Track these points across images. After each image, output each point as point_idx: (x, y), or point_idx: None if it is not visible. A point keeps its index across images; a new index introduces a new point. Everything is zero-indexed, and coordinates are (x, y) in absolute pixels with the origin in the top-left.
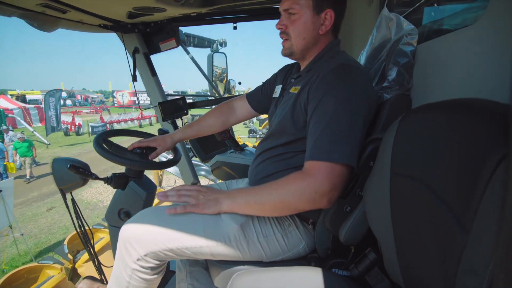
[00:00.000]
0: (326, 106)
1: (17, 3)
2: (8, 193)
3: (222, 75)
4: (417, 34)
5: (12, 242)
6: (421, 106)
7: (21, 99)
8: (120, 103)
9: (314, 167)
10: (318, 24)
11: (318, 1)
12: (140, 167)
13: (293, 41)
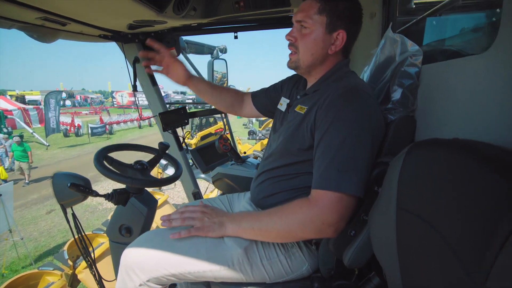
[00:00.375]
0: (335, 134)
1: (16, 17)
2: (8, 197)
3: (223, 80)
4: (422, 55)
5: (12, 245)
6: (429, 141)
7: (20, 99)
8: (119, 104)
9: (322, 197)
10: (329, 43)
11: (332, 20)
12: (141, 185)
13: (301, 56)
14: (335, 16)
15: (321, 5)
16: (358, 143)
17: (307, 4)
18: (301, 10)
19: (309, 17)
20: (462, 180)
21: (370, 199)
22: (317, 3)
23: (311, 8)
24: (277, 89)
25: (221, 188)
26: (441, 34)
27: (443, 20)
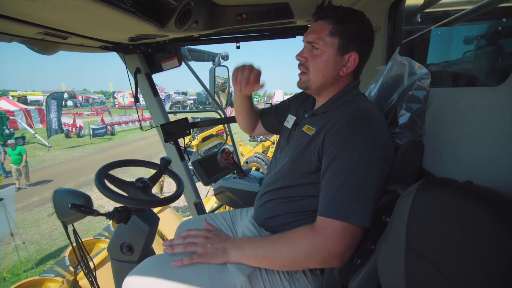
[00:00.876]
0: (344, 161)
1: (16, 32)
2: (9, 201)
3: (224, 85)
4: (430, 77)
5: (14, 249)
6: (440, 181)
7: (22, 100)
8: (121, 104)
9: (328, 226)
10: (340, 65)
11: (344, 42)
12: (143, 206)
13: (311, 76)
14: (347, 38)
15: (334, 27)
16: (367, 172)
17: (319, 25)
18: (313, 31)
19: (321, 38)
20: (473, 231)
21: (377, 228)
22: (329, 24)
23: (323, 30)
24: (284, 109)
25: (223, 201)
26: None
27: (449, 32)
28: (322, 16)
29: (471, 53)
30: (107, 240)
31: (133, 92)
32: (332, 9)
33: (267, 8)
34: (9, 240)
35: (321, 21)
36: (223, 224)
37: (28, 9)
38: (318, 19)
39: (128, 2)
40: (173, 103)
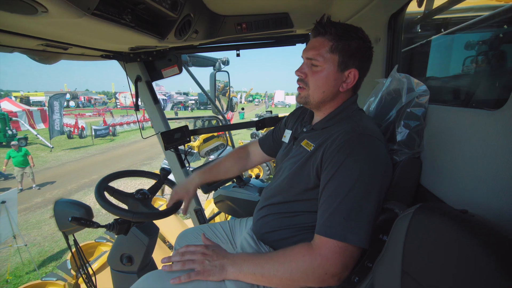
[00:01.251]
0: (342, 180)
1: (18, 45)
2: (12, 204)
3: (225, 89)
4: (429, 94)
5: (16, 251)
6: (437, 208)
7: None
8: (122, 104)
9: (326, 245)
10: (340, 81)
11: (344, 59)
12: (142, 220)
13: (311, 92)
14: (347, 55)
15: (334, 44)
16: (366, 192)
17: (319, 41)
18: (312, 47)
19: (321, 55)
20: (468, 267)
21: (375, 246)
22: (329, 41)
23: (323, 46)
24: (281, 130)
25: (223, 209)
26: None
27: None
28: (321, 33)
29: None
30: (108, 243)
31: (134, 100)
32: (332, 25)
33: (267, 18)
34: (12, 242)
35: (321, 38)
36: (222, 235)
37: (29, 24)
38: (317, 35)
39: (128, 18)
40: (174, 103)
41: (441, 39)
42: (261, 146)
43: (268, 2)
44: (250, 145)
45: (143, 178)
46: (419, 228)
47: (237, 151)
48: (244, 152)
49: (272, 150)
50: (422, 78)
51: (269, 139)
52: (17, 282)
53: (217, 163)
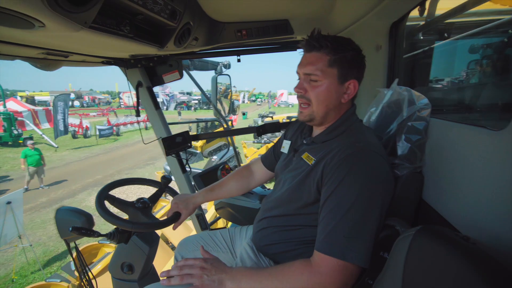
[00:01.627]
0: (343, 196)
1: (19, 53)
2: (17, 204)
3: (227, 91)
4: (430, 107)
5: (21, 251)
6: (439, 232)
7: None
8: (126, 104)
9: (325, 263)
10: (341, 93)
11: (343, 71)
12: (142, 230)
13: (315, 108)
14: (345, 67)
15: (331, 57)
16: (366, 209)
17: (315, 56)
18: (309, 62)
19: (319, 69)
20: None
21: (376, 263)
22: (326, 55)
23: (321, 61)
24: (281, 143)
25: (224, 216)
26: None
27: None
28: (316, 47)
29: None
30: (111, 244)
31: (135, 105)
32: (326, 39)
33: (267, 24)
34: (17, 242)
35: (316, 53)
36: (222, 243)
37: (29, 36)
38: (312, 50)
39: (126, 29)
40: (177, 103)
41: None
42: (263, 163)
43: (268, 9)
44: (253, 163)
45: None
46: (419, 251)
47: (241, 170)
48: (247, 171)
49: (274, 166)
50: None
51: (270, 155)
52: (23, 282)
53: (221, 183)
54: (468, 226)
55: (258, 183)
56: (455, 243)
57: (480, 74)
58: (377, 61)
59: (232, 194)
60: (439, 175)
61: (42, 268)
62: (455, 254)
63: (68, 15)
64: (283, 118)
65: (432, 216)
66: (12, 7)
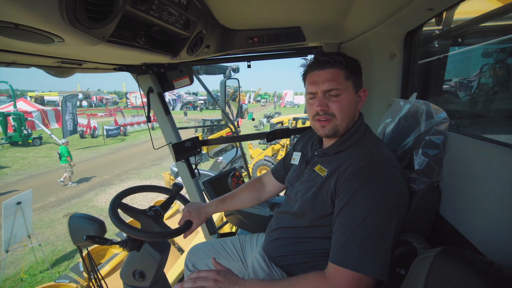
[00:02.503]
0: (356, 208)
1: (35, 62)
2: (27, 205)
3: (235, 94)
4: (448, 121)
5: (30, 250)
6: (461, 255)
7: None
8: (133, 104)
9: (339, 275)
10: (357, 101)
11: (356, 81)
12: (155, 239)
13: (339, 121)
14: (356, 77)
15: (345, 71)
16: (381, 221)
17: (332, 73)
18: (328, 79)
19: (340, 83)
20: None
21: (392, 280)
22: (340, 70)
23: (339, 76)
24: (291, 155)
25: (233, 222)
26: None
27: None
28: (330, 64)
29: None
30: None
31: (146, 111)
32: (339, 55)
33: (278, 32)
34: (26, 242)
35: (331, 69)
36: (233, 252)
37: (46, 48)
38: (325, 67)
39: (141, 41)
40: (184, 103)
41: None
42: (274, 175)
43: (280, 17)
44: (264, 176)
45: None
46: (440, 274)
47: (252, 182)
48: (259, 183)
49: (285, 178)
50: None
51: (280, 168)
52: (32, 281)
53: (233, 194)
54: (488, 246)
55: (270, 195)
56: (479, 268)
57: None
58: (390, 70)
59: (244, 206)
60: (458, 191)
61: (51, 267)
62: (479, 280)
63: (88, 31)
64: (289, 119)
65: (450, 232)
66: (34, 25)
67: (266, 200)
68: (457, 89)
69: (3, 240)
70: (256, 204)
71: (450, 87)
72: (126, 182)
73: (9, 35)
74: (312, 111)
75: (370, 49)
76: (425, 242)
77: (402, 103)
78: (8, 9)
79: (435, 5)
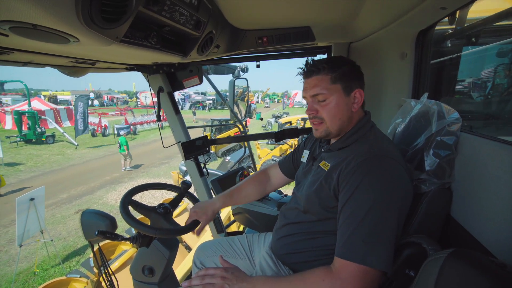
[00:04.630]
0: (360, 201)
1: (50, 62)
2: (40, 201)
3: (244, 94)
4: (461, 122)
5: (43, 245)
6: (473, 258)
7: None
8: (143, 104)
9: (346, 269)
10: (350, 103)
11: (346, 84)
12: (165, 236)
13: (329, 124)
14: (347, 79)
15: (332, 76)
16: (384, 214)
17: (317, 79)
18: (314, 85)
19: (325, 88)
20: None
21: (401, 281)
22: (326, 75)
23: (323, 81)
24: (300, 151)
25: (241, 221)
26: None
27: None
28: (315, 72)
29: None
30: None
31: (156, 110)
32: (323, 62)
33: (288, 31)
34: (39, 237)
35: (316, 75)
36: (241, 250)
37: (61, 48)
38: (312, 75)
39: (153, 41)
40: (192, 103)
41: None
42: (281, 168)
43: (290, 16)
44: (270, 168)
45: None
46: (452, 276)
47: (258, 175)
48: (264, 176)
49: (292, 172)
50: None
51: (289, 161)
52: (44, 275)
53: (238, 188)
54: (500, 248)
55: (275, 188)
56: (491, 271)
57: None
58: (401, 70)
59: (250, 199)
60: (470, 193)
61: (62, 262)
62: (491, 282)
63: (102, 31)
64: (297, 119)
65: (461, 234)
66: (51, 26)
67: (274, 200)
68: (470, 89)
69: (17, 235)
70: (262, 197)
71: (463, 88)
72: (135, 180)
73: (28, 36)
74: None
75: (381, 48)
76: (435, 243)
77: (413, 103)
78: (27, 10)
79: (448, 4)
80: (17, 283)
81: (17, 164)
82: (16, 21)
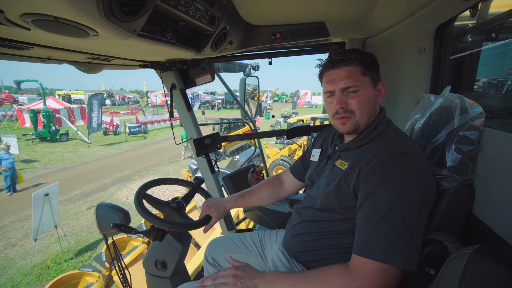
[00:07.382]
0: (381, 198)
1: (67, 58)
2: (54, 197)
3: (254, 92)
4: (484, 116)
5: (56, 240)
6: (498, 253)
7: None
8: (153, 103)
9: (364, 266)
10: (376, 95)
11: (373, 76)
12: (178, 230)
13: (358, 118)
14: (373, 71)
15: (361, 67)
16: (408, 211)
17: (348, 70)
18: (345, 77)
19: (357, 80)
20: None
21: (421, 279)
22: (356, 66)
23: (355, 72)
24: (309, 152)
25: (252, 218)
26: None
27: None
28: (345, 62)
29: None
30: (139, 238)
31: (169, 107)
32: (354, 52)
33: (302, 27)
34: (53, 232)
35: (347, 67)
36: (252, 246)
37: (79, 43)
38: (341, 66)
39: (169, 35)
40: (202, 102)
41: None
42: (292, 173)
43: (303, 12)
44: (283, 174)
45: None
46: (478, 273)
47: (272, 179)
48: (278, 181)
49: (302, 176)
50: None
51: (299, 166)
52: (57, 269)
53: (252, 190)
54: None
55: (289, 193)
56: None
57: None
58: (419, 65)
59: (262, 203)
60: (493, 190)
61: (75, 256)
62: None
63: (120, 24)
64: (307, 118)
65: (485, 232)
66: (72, 18)
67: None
68: (491, 85)
69: (32, 229)
70: (275, 201)
71: (484, 83)
72: (145, 178)
73: (49, 29)
74: (332, 110)
75: (397, 43)
76: (457, 241)
77: (432, 98)
78: (50, 2)
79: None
80: (32, 275)
81: (33, 161)
82: (39, 13)
